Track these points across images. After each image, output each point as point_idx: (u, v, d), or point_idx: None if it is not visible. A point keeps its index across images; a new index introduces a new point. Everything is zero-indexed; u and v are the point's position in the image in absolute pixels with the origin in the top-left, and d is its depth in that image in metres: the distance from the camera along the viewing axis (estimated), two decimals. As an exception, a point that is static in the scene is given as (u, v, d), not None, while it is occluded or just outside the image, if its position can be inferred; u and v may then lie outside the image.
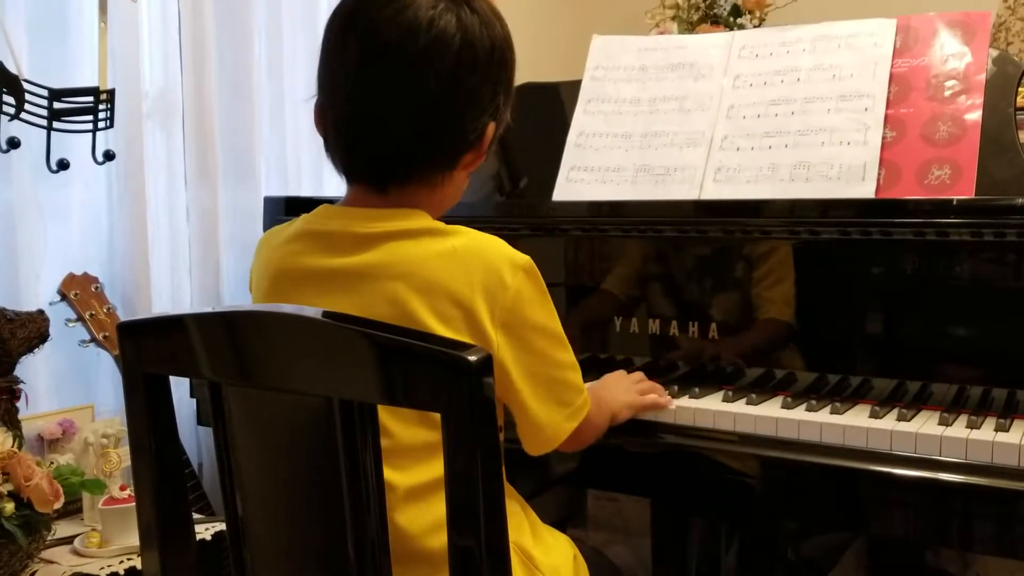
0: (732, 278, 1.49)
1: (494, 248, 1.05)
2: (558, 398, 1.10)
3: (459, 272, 1.02)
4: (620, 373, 1.43)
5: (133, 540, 1.60)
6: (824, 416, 1.31)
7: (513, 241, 1.08)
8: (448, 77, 1.03)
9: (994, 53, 1.50)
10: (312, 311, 0.90)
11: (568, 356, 1.11)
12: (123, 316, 1.92)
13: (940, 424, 1.25)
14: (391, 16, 1.03)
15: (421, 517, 1.03)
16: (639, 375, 1.44)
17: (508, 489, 1.17)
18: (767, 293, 1.46)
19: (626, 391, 1.37)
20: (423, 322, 1.01)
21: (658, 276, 1.56)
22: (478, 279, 1.02)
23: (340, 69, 1.07)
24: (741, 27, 2.49)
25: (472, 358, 0.77)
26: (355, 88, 1.05)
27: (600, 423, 1.26)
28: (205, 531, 1.72)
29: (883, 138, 1.49)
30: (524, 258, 1.05)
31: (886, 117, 1.50)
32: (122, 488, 1.68)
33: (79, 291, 1.85)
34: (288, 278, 1.09)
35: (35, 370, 1.78)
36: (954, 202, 1.33)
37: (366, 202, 1.09)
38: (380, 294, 1.03)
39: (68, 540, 1.66)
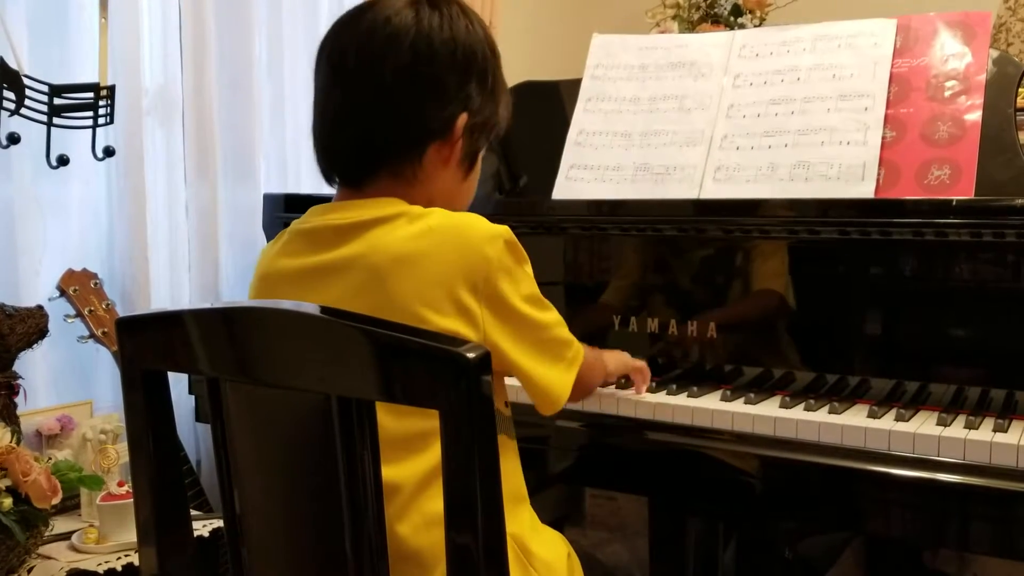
0: (731, 277, 1.50)
1: (470, 223, 1.06)
2: (555, 355, 1.13)
3: (438, 251, 1.03)
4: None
5: (131, 536, 1.60)
6: (822, 416, 1.31)
7: (513, 239, 1.08)
8: (403, 69, 1.07)
9: (994, 54, 1.50)
10: (312, 307, 0.90)
11: (552, 315, 1.13)
12: (122, 312, 1.92)
13: (938, 424, 1.25)
14: (353, 23, 1.10)
15: (410, 516, 1.02)
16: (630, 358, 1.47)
17: (517, 471, 1.17)
18: (766, 292, 1.46)
19: (619, 357, 1.43)
20: (408, 307, 1.01)
21: (657, 275, 1.56)
22: (457, 256, 1.03)
23: (317, 84, 1.13)
24: (741, 26, 2.49)
25: (470, 355, 0.77)
26: (326, 95, 1.12)
27: (598, 371, 1.33)
28: (203, 528, 1.72)
29: (883, 138, 1.49)
30: (502, 228, 1.06)
31: (886, 117, 1.50)
32: (120, 484, 1.68)
33: (78, 287, 1.85)
34: (273, 280, 1.11)
35: (34, 365, 1.79)
36: (953, 202, 1.33)
37: (348, 198, 1.12)
38: (363, 283, 1.03)
39: (66, 536, 1.66)
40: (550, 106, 1.85)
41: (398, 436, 1.02)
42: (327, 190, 1.16)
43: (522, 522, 1.14)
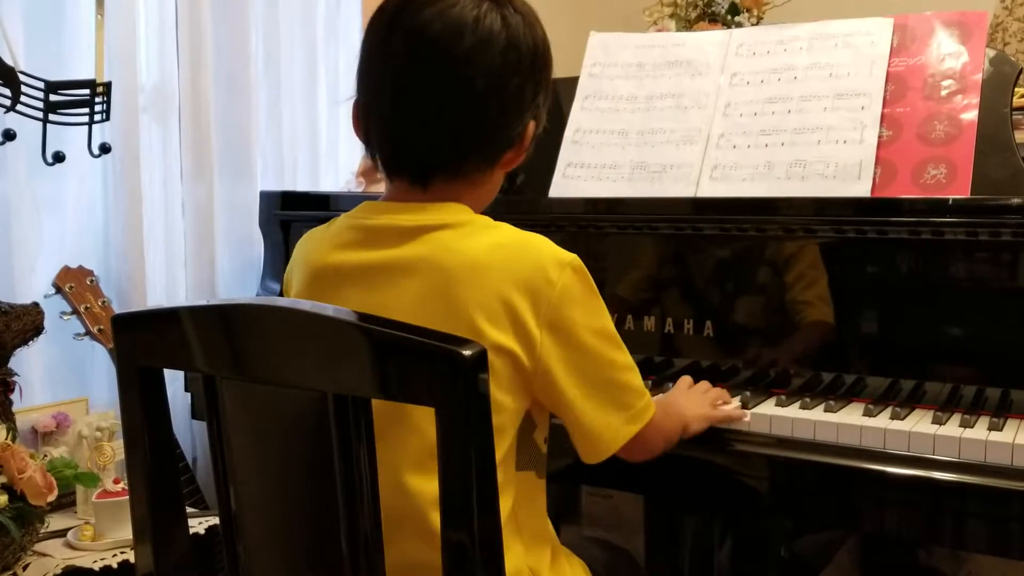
0: (727, 276, 1.50)
1: (539, 245, 1.04)
2: (616, 400, 1.06)
3: (503, 267, 1.01)
4: (687, 381, 1.38)
5: (126, 534, 1.60)
6: (818, 414, 1.31)
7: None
8: (494, 77, 1.04)
9: (991, 53, 1.50)
10: (308, 305, 0.90)
11: (624, 357, 1.07)
12: (118, 309, 1.91)
13: (934, 423, 1.25)
14: (437, 14, 1.03)
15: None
16: (706, 384, 1.38)
17: (540, 511, 1.13)
18: (761, 291, 1.46)
19: (698, 403, 1.32)
20: (469, 315, 0.99)
21: (653, 273, 1.56)
22: (522, 276, 1.00)
23: (386, 67, 1.06)
24: (739, 25, 2.48)
25: (467, 353, 0.77)
26: (402, 85, 1.04)
27: (670, 431, 1.21)
28: (199, 525, 1.72)
29: (879, 137, 1.49)
30: (571, 256, 1.03)
31: (882, 116, 1.50)
32: (116, 481, 1.68)
33: (74, 284, 1.85)
34: (329, 274, 1.07)
35: (29, 363, 1.78)
36: (949, 201, 1.33)
37: (408, 197, 1.07)
38: (433, 286, 1.01)
39: (61, 533, 1.66)
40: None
41: None
42: (323, 187, 1.15)
43: (540, 556, 1.10)
